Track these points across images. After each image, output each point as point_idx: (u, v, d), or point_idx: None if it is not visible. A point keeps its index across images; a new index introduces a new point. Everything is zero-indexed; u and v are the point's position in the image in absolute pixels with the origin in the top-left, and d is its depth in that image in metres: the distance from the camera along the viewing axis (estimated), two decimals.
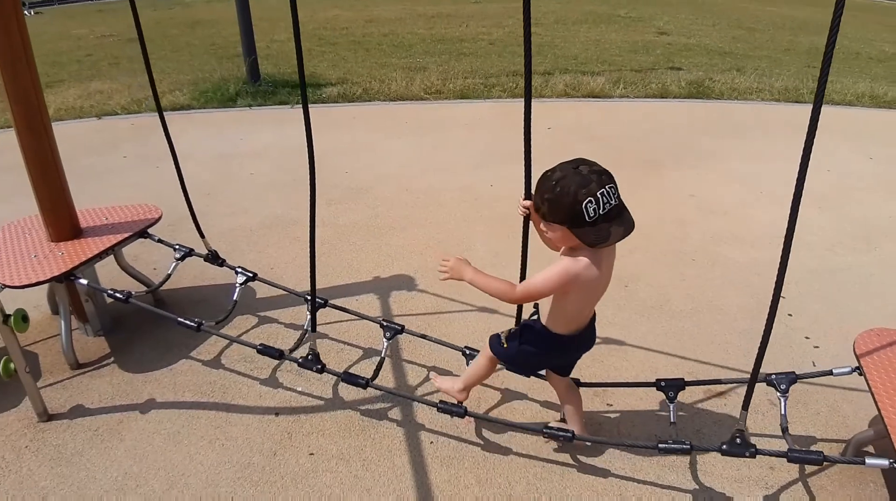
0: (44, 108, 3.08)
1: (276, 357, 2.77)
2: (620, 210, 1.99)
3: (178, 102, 8.09)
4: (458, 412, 2.55)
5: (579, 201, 1.90)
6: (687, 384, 2.71)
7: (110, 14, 21.47)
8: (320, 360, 2.72)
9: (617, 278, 3.95)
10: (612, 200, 1.94)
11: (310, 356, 2.72)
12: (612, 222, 1.95)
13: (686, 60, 11.36)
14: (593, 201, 1.91)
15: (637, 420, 2.89)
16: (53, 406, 2.95)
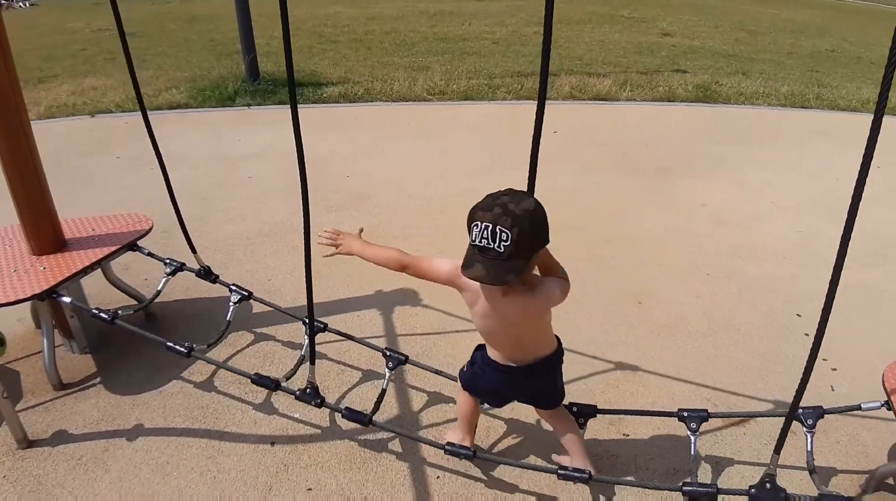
0: (23, 109, 2.88)
1: (272, 388, 2.59)
2: (499, 258, 1.85)
3: (175, 101, 7.88)
4: (466, 455, 2.37)
5: (471, 216, 1.92)
6: (710, 416, 2.57)
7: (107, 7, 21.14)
8: (319, 393, 2.54)
9: (629, 293, 3.89)
10: (493, 242, 1.83)
11: (308, 389, 2.53)
12: (478, 257, 1.87)
13: (691, 63, 11.21)
14: (477, 226, 1.86)
15: (654, 452, 2.71)
16: (34, 431, 2.77)
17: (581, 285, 3.92)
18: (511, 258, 1.83)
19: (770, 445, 2.70)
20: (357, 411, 2.52)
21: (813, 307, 3.68)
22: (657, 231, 4.69)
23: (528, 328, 2.09)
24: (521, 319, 2.04)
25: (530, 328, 2.10)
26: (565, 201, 5.14)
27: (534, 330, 2.12)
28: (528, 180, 2.24)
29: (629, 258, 4.31)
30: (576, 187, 5.45)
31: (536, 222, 1.88)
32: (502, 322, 2.06)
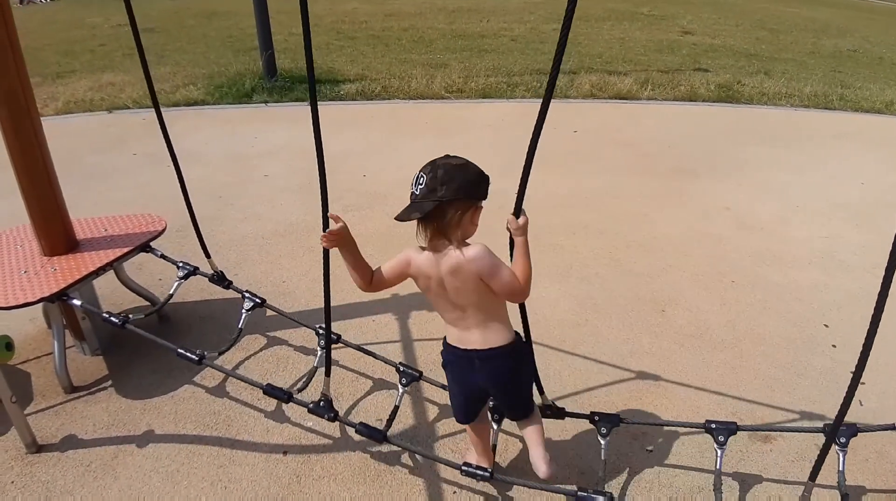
0: (33, 107, 2.82)
1: (284, 400, 2.51)
2: (412, 199, 2.00)
3: (192, 97, 7.84)
4: (483, 476, 2.27)
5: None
6: (739, 429, 2.45)
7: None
8: (333, 407, 2.47)
9: (652, 300, 3.77)
10: (413, 186, 1.99)
11: (322, 402, 2.46)
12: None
13: (712, 62, 11.04)
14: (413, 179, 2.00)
15: (679, 469, 2.61)
16: (44, 436, 2.72)
17: (602, 291, 3.86)
18: (423, 200, 1.94)
19: (798, 462, 2.63)
20: (372, 427, 2.44)
21: (840, 317, 3.62)
22: (680, 235, 4.57)
23: (469, 300, 2.05)
24: (457, 285, 2.02)
25: (472, 300, 2.05)
26: (586, 202, 5.04)
27: (476, 304, 2.06)
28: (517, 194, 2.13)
29: (652, 263, 4.20)
30: (597, 188, 5.33)
31: (454, 170, 1.96)
32: (444, 292, 2.06)
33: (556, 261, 4.15)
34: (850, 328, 3.53)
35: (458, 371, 2.23)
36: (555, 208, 4.89)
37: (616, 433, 2.53)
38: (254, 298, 3.13)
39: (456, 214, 1.97)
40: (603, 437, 2.47)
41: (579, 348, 3.32)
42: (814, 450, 2.64)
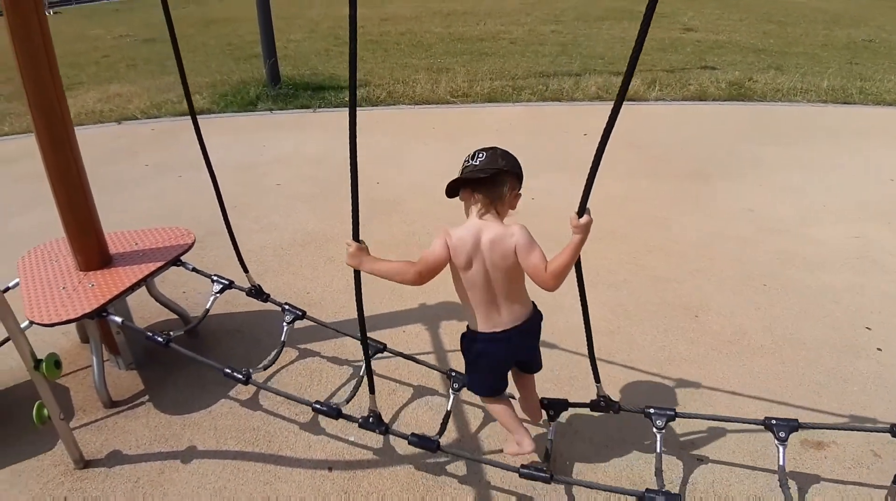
0: (68, 119, 2.81)
1: (334, 417, 2.49)
2: (474, 168, 2.16)
3: (198, 106, 7.78)
4: (542, 478, 2.26)
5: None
6: (801, 427, 2.43)
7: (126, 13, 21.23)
8: (383, 421, 2.44)
9: (684, 306, 3.74)
10: (471, 160, 2.18)
11: (371, 418, 2.44)
12: (461, 173, 2.18)
13: (719, 59, 10.93)
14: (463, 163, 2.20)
15: (733, 477, 2.56)
16: (89, 451, 2.72)
17: (632, 297, 3.84)
18: (482, 168, 2.13)
19: (854, 469, 2.58)
20: (426, 437, 2.42)
21: (881, 320, 3.56)
22: (703, 238, 4.53)
23: (503, 275, 2.15)
24: (495, 258, 2.12)
25: (505, 276, 2.15)
26: (606, 208, 5.00)
27: (508, 279, 2.17)
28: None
29: (678, 268, 4.15)
30: (615, 193, 5.30)
31: (509, 154, 2.22)
32: (480, 269, 2.13)
33: (584, 268, 4.11)
34: (892, 330, 3.47)
35: (493, 356, 2.30)
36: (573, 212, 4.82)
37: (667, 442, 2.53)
38: (294, 310, 3.12)
39: (507, 187, 2.16)
40: (658, 430, 2.48)
41: (616, 356, 3.28)
42: (870, 457, 2.63)
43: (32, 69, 2.64)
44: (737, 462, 2.64)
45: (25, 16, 2.56)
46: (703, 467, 2.62)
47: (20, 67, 2.64)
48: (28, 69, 2.64)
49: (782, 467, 2.35)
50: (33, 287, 2.93)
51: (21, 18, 2.56)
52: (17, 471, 2.66)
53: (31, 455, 2.73)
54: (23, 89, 2.69)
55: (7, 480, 2.62)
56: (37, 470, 2.65)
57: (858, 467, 2.60)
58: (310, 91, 8.40)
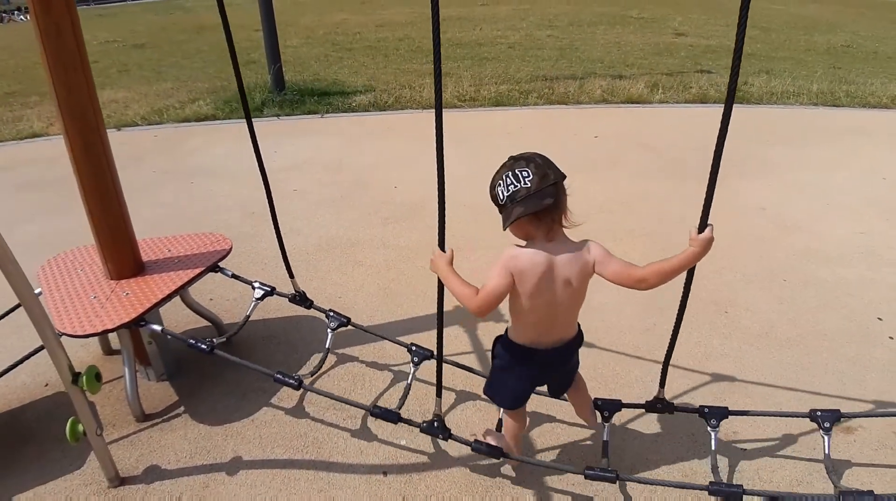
0: (101, 124, 2.73)
1: (394, 421, 2.43)
2: (532, 193, 1.90)
3: (202, 113, 7.73)
4: (608, 478, 2.22)
5: (494, 186, 1.99)
6: (843, 416, 2.53)
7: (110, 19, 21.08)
8: (446, 426, 2.38)
9: (713, 302, 3.75)
10: (522, 183, 1.90)
11: (435, 422, 2.37)
12: (517, 203, 1.91)
13: (712, 62, 11.08)
14: (501, 184, 1.95)
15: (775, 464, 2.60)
16: (124, 467, 2.61)
17: (664, 294, 3.77)
18: (543, 187, 1.90)
19: (881, 450, 2.68)
20: (489, 444, 2.36)
21: (891, 310, 3.72)
22: (723, 237, 4.45)
23: (572, 293, 2.05)
24: (569, 275, 2.01)
25: (574, 292, 2.05)
26: (624, 207, 5.00)
27: (574, 297, 2.08)
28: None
29: (703, 266, 4.06)
30: (631, 193, 5.31)
31: (544, 157, 1.99)
32: (558, 286, 2.02)
33: None
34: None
35: (527, 369, 2.22)
36: (596, 213, 4.85)
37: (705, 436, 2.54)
38: (339, 317, 3.05)
39: (565, 196, 2.00)
40: (713, 428, 2.51)
41: (654, 353, 3.28)
42: (893, 438, 2.73)
43: (64, 73, 2.56)
44: (779, 451, 2.68)
45: (58, 17, 2.48)
46: (746, 456, 2.65)
47: (50, 70, 2.55)
48: (59, 73, 2.55)
49: (827, 455, 2.43)
50: (59, 297, 2.83)
51: (53, 20, 2.47)
52: (42, 494, 2.53)
53: (57, 476, 2.61)
54: (52, 93, 2.61)
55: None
56: (65, 491, 2.53)
57: (884, 448, 2.70)
58: (315, 97, 8.33)
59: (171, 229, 4.01)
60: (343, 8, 19.96)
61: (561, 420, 2.83)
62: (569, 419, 2.82)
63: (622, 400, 2.63)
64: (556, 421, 2.84)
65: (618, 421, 2.79)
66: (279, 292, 3.20)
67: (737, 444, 2.70)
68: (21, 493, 2.52)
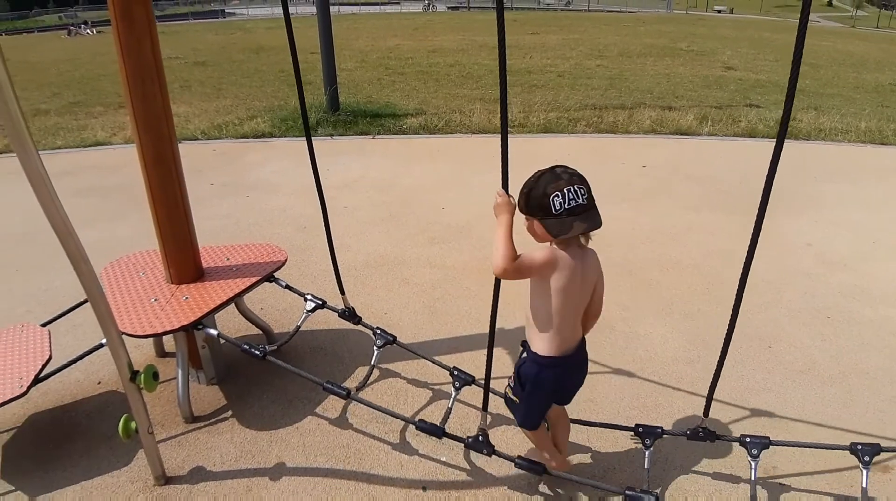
0: (174, 136, 2.87)
1: (439, 436, 2.48)
2: (587, 209, 2.07)
3: (259, 129, 7.98)
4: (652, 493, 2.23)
5: (547, 195, 2.06)
6: (883, 450, 2.50)
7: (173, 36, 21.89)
8: (490, 442, 2.42)
9: (758, 337, 3.73)
10: (580, 199, 2.04)
11: (480, 437, 2.42)
12: (576, 217, 2.04)
13: (762, 97, 11.04)
14: (559, 196, 2.04)
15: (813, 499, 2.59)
16: (171, 467, 2.70)
17: (708, 327, 3.83)
18: (593, 207, 2.09)
19: None
20: (533, 460, 2.39)
21: None
22: (769, 271, 4.52)
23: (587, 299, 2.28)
24: (588, 281, 2.22)
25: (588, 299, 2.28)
26: (671, 238, 5.00)
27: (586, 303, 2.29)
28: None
29: (748, 300, 4.04)
30: (678, 224, 5.30)
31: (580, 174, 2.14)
32: (583, 289, 2.21)
33: (656, 297, 4.11)
34: None
35: (561, 379, 2.32)
36: (643, 243, 4.86)
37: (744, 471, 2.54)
38: (386, 335, 3.12)
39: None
40: (753, 458, 2.51)
41: (697, 385, 3.26)
42: None
43: (141, 86, 2.70)
44: (817, 486, 2.66)
45: (139, 31, 2.62)
46: (784, 490, 2.63)
47: (128, 82, 2.70)
48: (137, 85, 2.70)
49: (865, 490, 2.42)
50: (121, 298, 2.96)
51: (135, 34, 2.61)
52: (89, 488, 2.62)
53: (105, 471, 2.70)
54: (129, 104, 2.76)
55: (78, 497, 2.58)
56: (111, 487, 2.62)
57: None
58: (368, 118, 8.55)
59: (226, 239, 4.15)
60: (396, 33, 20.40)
61: (599, 448, 2.85)
62: (608, 447, 2.83)
63: (663, 428, 2.64)
64: (595, 447, 2.85)
65: (658, 450, 2.78)
66: (329, 306, 3.28)
67: (776, 478, 2.68)
68: (68, 486, 2.62)
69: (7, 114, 1.61)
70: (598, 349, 3.52)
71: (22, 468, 2.75)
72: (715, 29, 28.57)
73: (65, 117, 9.37)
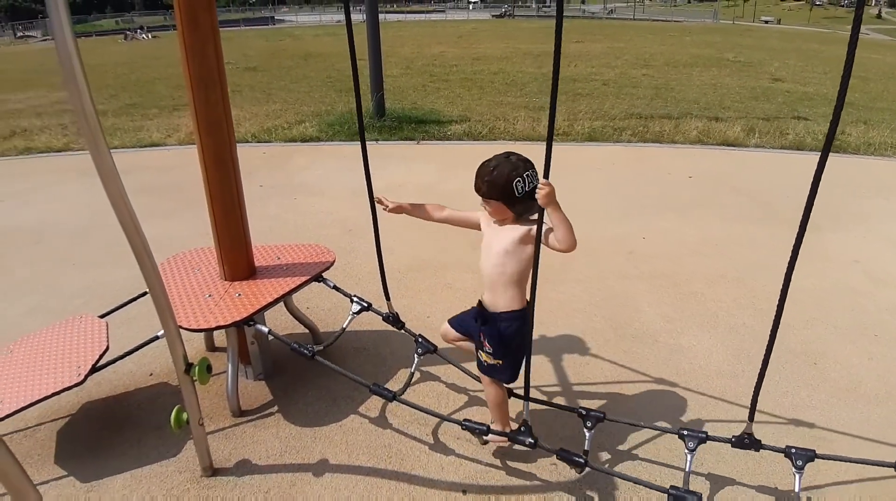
0: (233, 139, 2.97)
1: (484, 434, 2.52)
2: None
3: (307, 134, 8.15)
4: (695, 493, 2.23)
5: (508, 181, 2.34)
6: None
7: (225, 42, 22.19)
8: (533, 433, 2.45)
9: (803, 353, 3.68)
10: (534, 182, 2.34)
11: (522, 427, 2.45)
12: (534, 199, 2.25)
13: (810, 110, 10.82)
14: (521, 181, 2.34)
15: None
16: (218, 459, 2.78)
17: (753, 342, 3.79)
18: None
19: None
20: (573, 452, 2.41)
21: None
22: (815, 287, 4.44)
23: None
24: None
25: None
26: (717, 251, 4.96)
27: None
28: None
29: (795, 315, 4.07)
30: (724, 236, 5.25)
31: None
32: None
33: (701, 309, 4.08)
34: None
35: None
36: (689, 255, 4.84)
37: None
38: (427, 345, 3.16)
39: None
40: (798, 470, 2.49)
41: (741, 399, 3.23)
42: None
43: (204, 90, 2.79)
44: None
45: (204, 36, 2.71)
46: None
47: (192, 86, 2.79)
48: (200, 90, 2.79)
49: None
50: (177, 293, 3.07)
51: (200, 39, 2.70)
52: (139, 476, 2.70)
53: (154, 461, 2.79)
54: (191, 106, 2.86)
55: (128, 485, 2.66)
56: (160, 476, 2.70)
57: None
58: (413, 124, 8.66)
59: (275, 240, 4.23)
60: (441, 41, 20.53)
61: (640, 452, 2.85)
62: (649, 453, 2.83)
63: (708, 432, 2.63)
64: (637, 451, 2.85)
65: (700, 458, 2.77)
66: (374, 309, 3.35)
67: (818, 488, 2.66)
68: (118, 474, 2.72)
69: (83, 113, 1.70)
70: (641, 359, 3.52)
71: (75, 453, 2.87)
72: (762, 40, 28.11)
73: (121, 118, 9.67)
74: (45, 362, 2.82)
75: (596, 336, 3.75)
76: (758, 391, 2.52)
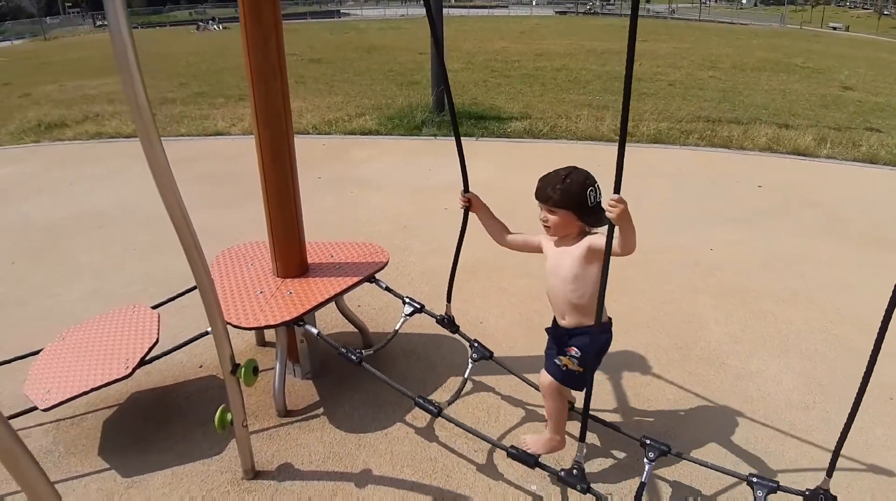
0: (291, 132, 2.90)
1: (531, 465, 2.37)
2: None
3: (367, 127, 8.12)
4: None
5: (581, 191, 2.29)
6: None
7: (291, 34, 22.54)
8: (585, 477, 2.29)
9: (879, 385, 3.39)
10: (601, 196, 2.28)
11: (575, 470, 2.30)
12: (602, 210, 2.20)
13: (882, 121, 10.23)
14: (594, 192, 2.30)
15: None
16: (260, 460, 2.71)
17: (826, 370, 3.55)
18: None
19: None
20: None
21: None
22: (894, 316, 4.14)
23: None
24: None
25: None
26: (788, 266, 4.68)
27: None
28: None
29: (869, 344, 3.78)
30: (796, 251, 4.95)
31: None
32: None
33: (771, 331, 3.83)
34: None
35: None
36: (758, 269, 4.57)
37: None
38: (483, 350, 3.05)
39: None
40: None
41: (812, 434, 2.99)
42: None
43: (264, 82, 2.74)
44: None
45: (266, 29, 2.66)
46: None
47: (252, 78, 2.74)
48: (260, 82, 2.73)
49: None
50: (229, 289, 3.01)
51: (262, 32, 2.65)
52: (180, 474, 2.66)
53: (197, 458, 2.74)
54: (251, 99, 2.80)
55: (168, 483, 2.61)
56: (201, 476, 2.65)
57: None
58: (472, 120, 8.54)
59: (329, 233, 4.18)
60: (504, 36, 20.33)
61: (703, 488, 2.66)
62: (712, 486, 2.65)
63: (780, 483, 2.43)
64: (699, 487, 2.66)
65: None
66: (427, 311, 3.24)
67: None
68: (160, 470, 2.68)
69: (136, 106, 1.64)
70: (706, 383, 3.31)
71: (119, 445, 2.84)
72: (830, 46, 26.95)
73: (189, 107, 9.82)
74: (94, 352, 2.81)
75: (659, 354, 3.56)
76: (841, 445, 2.31)
